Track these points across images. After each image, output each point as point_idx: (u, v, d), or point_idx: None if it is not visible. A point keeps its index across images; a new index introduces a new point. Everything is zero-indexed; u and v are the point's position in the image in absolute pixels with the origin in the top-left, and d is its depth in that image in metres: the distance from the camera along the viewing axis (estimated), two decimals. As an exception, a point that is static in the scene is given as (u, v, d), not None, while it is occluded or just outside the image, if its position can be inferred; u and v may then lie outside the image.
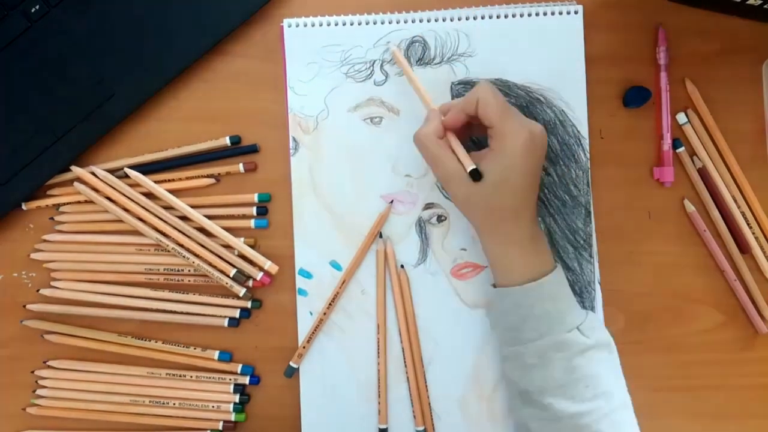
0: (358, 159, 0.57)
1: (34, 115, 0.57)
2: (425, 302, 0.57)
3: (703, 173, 0.58)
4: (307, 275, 0.58)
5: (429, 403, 0.57)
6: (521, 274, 0.50)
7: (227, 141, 0.58)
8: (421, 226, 0.57)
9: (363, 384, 0.57)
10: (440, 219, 0.57)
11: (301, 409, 0.57)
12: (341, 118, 0.58)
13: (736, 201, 0.57)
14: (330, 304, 0.57)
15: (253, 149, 0.58)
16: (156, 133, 0.58)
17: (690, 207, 0.58)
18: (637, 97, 0.57)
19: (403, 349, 0.57)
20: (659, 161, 0.58)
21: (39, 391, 0.58)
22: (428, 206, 0.57)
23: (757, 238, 0.58)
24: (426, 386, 0.57)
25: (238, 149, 0.58)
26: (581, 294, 0.57)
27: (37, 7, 0.56)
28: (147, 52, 0.57)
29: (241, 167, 0.58)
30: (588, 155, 0.57)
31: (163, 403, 0.57)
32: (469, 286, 0.57)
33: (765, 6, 0.52)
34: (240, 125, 0.58)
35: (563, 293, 0.51)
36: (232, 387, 0.57)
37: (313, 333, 0.57)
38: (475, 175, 0.48)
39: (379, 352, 0.57)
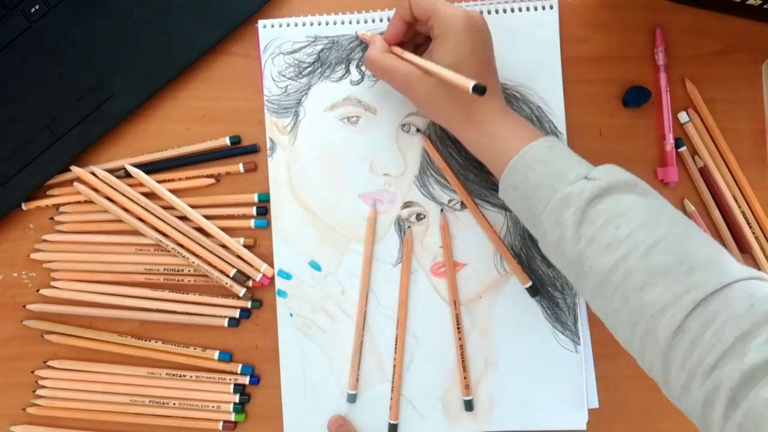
0: (335, 159, 0.57)
1: (34, 115, 0.57)
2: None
3: (704, 172, 0.58)
4: (287, 276, 0.57)
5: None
6: (508, 154, 0.47)
7: (227, 141, 0.58)
8: (400, 224, 0.57)
9: (344, 383, 0.57)
10: (419, 217, 0.57)
11: (283, 410, 0.57)
12: (318, 118, 0.58)
13: (736, 200, 0.57)
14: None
15: (253, 149, 0.58)
16: (156, 133, 0.58)
17: (690, 207, 0.57)
18: (637, 97, 0.57)
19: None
20: (662, 161, 0.58)
21: (39, 391, 0.58)
22: (407, 205, 0.57)
23: (757, 238, 0.58)
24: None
25: (238, 149, 0.58)
26: (562, 290, 0.57)
27: (37, 7, 0.56)
28: (147, 52, 0.57)
29: (241, 167, 0.58)
30: None
31: (163, 403, 0.57)
32: (446, 283, 0.57)
33: (765, 6, 0.52)
34: (240, 125, 0.58)
35: (558, 155, 0.46)
36: (232, 387, 0.57)
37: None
38: (480, 90, 0.43)
39: (396, 348, 0.57)
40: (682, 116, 0.58)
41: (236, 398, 0.57)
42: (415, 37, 0.54)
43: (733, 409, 0.35)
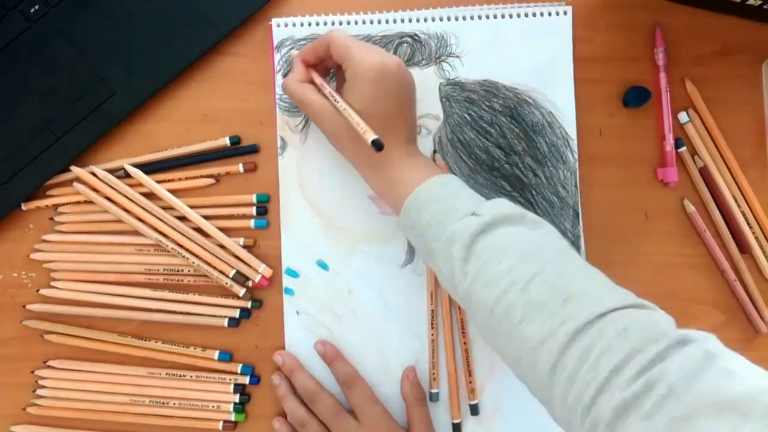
0: (345, 159, 0.57)
1: (34, 115, 0.57)
2: (412, 302, 0.57)
3: (704, 173, 0.58)
4: (294, 274, 0.57)
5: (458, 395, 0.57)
6: (404, 194, 0.48)
7: (227, 141, 0.58)
8: None
9: None
10: None
11: None
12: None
13: (736, 200, 0.57)
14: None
15: (253, 149, 0.58)
16: (156, 133, 0.58)
17: (690, 207, 0.58)
18: (637, 97, 0.57)
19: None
20: (662, 162, 0.58)
21: (39, 391, 0.58)
22: None
23: (757, 238, 0.58)
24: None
25: (237, 149, 0.58)
26: None
27: (37, 7, 0.56)
28: (147, 52, 0.57)
29: (240, 167, 0.58)
30: (576, 156, 0.57)
31: (163, 403, 0.57)
32: None
33: (765, 6, 0.52)
34: (240, 125, 0.58)
35: (449, 192, 0.48)
36: (232, 387, 0.57)
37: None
38: (377, 146, 0.46)
39: (433, 324, 0.57)
40: (682, 116, 0.58)
41: (236, 398, 0.57)
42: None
43: None
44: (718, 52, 0.58)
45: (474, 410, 0.57)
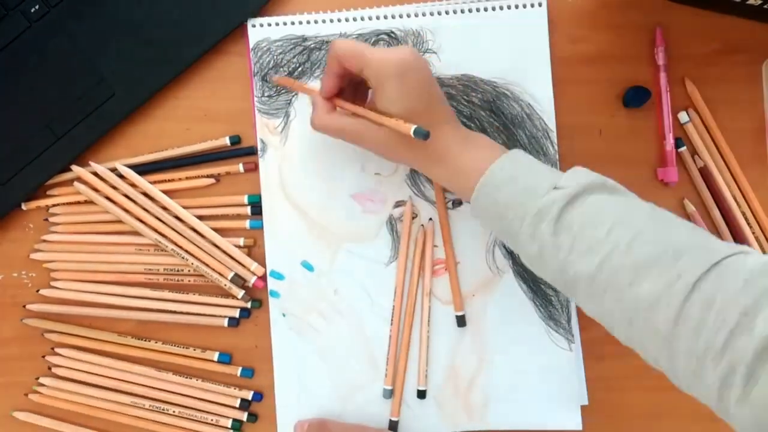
0: (326, 159, 0.57)
1: (34, 115, 0.57)
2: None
3: (704, 172, 0.58)
4: (279, 276, 0.57)
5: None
6: (472, 182, 0.47)
7: (227, 141, 0.58)
8: (392, 224, 0.57)
9: (338, 384, 0.57)
10: (411, 216, 0.57)
11: (276, 410, 0.57)
12: (309, 119, 0.57)
13: (736, 200, 0.57)
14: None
15: (253, 150, 0.58)
16: (156, 133, 0.58)
17: (690, 207, 0.58)
18: (637, 97, 0.57)
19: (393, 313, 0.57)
20: (662, 162, 0.58)
21: (42, 379, 0.57)
22: (398, 204, 0.57)
23: (757, 238, 0.58)
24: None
25: (238, 149, 0.58)
26: (556, 288, 0.57)
27: (37, 7, 0.56)
28: (147, 52, 0.57)
29: (241, 167, 0.58)
30: (556, 147, 0.57)
31: (163, 410, 0.57)
32: (441, 283, 0.57)
33: (765, 6, 0.52)
34: (240, 125, 0.58)
35: (523, 171, 0.46)
36: (238, 402, 0.57)
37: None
38: (422, 134, 0.44)
39: (392, 320, 0.57)
40: (682, 116, 0.58)
41: (244, 416, 0.57)
42: (351, 80, 0.52)
43: (752, 384, 0.35)
44: (718, 52, 0.58)
45: (421, 395, 0.57)
